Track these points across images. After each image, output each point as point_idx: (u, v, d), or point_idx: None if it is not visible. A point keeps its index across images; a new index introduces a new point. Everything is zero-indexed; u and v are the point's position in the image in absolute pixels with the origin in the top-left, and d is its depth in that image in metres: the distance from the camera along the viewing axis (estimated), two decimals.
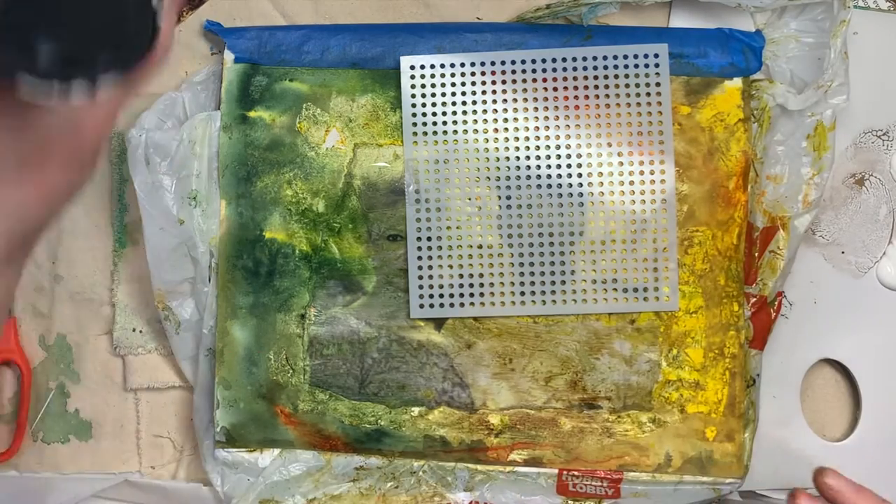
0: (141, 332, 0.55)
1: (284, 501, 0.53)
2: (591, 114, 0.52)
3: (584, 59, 0.52)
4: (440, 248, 0.52)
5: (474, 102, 0.52)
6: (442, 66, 0.52)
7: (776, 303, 0.53)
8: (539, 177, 0.52)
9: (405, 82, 0.53)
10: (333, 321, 0.53)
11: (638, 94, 0.52)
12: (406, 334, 0.53)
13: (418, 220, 0.52)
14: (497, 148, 0.52)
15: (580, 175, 0.52)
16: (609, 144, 0.52)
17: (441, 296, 0.52)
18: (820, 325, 0.54)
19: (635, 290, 0.52)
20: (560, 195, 0.52)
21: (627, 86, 0.52)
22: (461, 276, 0.52)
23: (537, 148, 0.52)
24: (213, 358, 0.53)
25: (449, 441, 0.53)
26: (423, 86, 0.53)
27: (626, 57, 0.52)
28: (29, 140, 0.31)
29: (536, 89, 0.52)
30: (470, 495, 0.53)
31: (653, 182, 0.52)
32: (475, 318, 0.53)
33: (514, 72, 0.52)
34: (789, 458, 0.54)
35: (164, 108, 0.53)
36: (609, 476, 0.52)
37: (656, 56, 0.52)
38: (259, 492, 0.53)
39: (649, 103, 0.52)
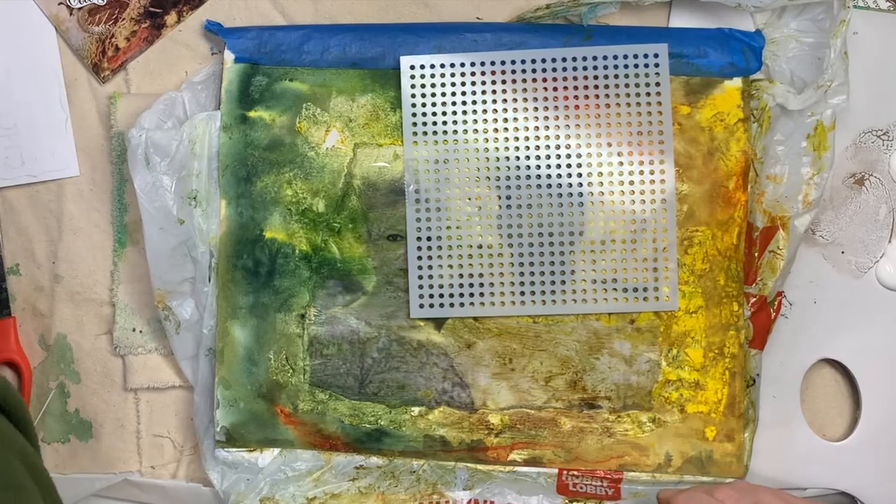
0: (141, 332, 0.55)
1: (284, 500, 0.53)
2: (591, 114, 0.52)
3: (584, 59, 0.52)
4: (440, 248, 0.52)
5: (474, 102, 0.52)
6: (442, 66, 0.52)
7: (776, 303, 0.53)
8: (539, 177, 0.52)
9: (405, 82, 0.53)
10: (333, 321, 0.53)
11: (638, 94, 0.52)
12: (406, 334, 0.53)
13: (418, 220, 0.52)
14: (497, 148, 0.52)
15: (580, 175, 0.52)
16: (609, 144, 0.52)
17: (441, 296, 0.52)
18: (820, 325, 0.54)
19: (635, 290, 0.52)
20: (560, 195, 0.52)
21: (627, 86, 0.52)
22: (461, 276, 0.52)
23: (537, 148, 0.52)
24: (213, 358, 0.53)
25: (449, 441, 0.53)
26: (423, 86, 0.53)
27: (626, 57, 0.52)
28: None
29: (536, 89, 0.52)
30: (469, 493, 0.53)
31: (653, 182, 0.52)
32: (475, 318, 0.53)
33: (514, 72, 0.52)
34: (789, 458, 0.54)
35: (164, 108, 0.53)
36: (609, 476, 0.52)
37: (656, 56, 0.52)
38: (259, 490, 0.53)
39: (649, 103, 0.52)
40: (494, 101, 0.52)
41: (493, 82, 0.52)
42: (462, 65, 0.52)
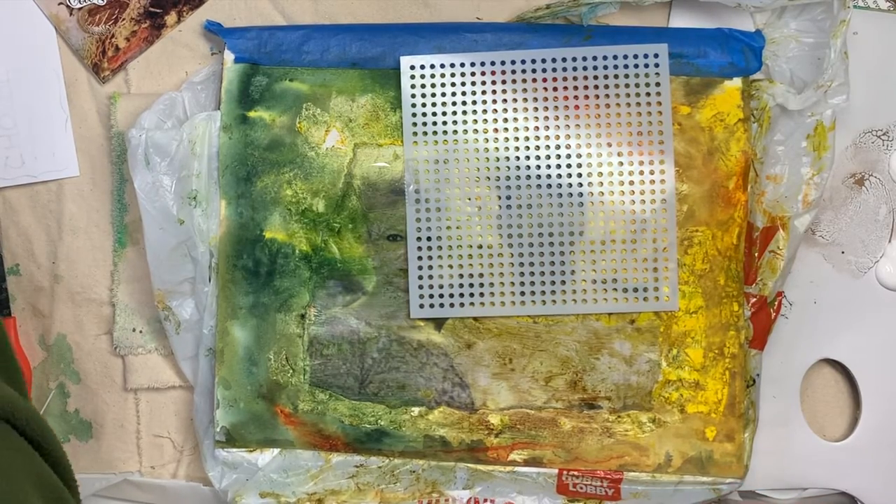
0: (141, 332, 0.55)
1: (284, 495, 0.53)
2: (591, 114, 0.52)
3: (584, 59, 0.52)
4: (440, 248, 0.52)
5: (474, 102, 0.52)
6: (442, 66, 0.52)
7: (776, 303, 0.53)
8: (539, 177, 0.52)
9: (405, 82, 0.53)
10: (333, 321, 0.53)
11: (638, 94, 0.52)
12: (406, 334, 0.53)
13: (418, 220, 0.52)
14: (497, 148, 0.52)
15: (580, 175, 0.52)
16: (609, 144, 0.52)
17: (441, 296, 0.52)
18: (820, 325, 0.54)
19: (635, 290, 0.52)
20: (560, 195, 0.52)
21: (627, 86, 0.52)
22: (461, 276, 0.52)
23: (537, 148, 0.52)
24: (213, 358, 0.53)
25: (449, 441, 0.53)
26: (423, 86, 0.53)
27: (625, 57, 0.52)
28: None
29: (536, 89, 0.52)
30: (469, 492, 0.53)
31: (653, 182, 0.52)
32: (475, 318, 0.53)
33: (514, 72, 0.52)
34: (789, 458, 0.54)
35: (164, 108, 0.53)
36: (609, 476, 0.52)
37: (656, 56, 0.52)
38: (259, 487, 0.53)
39: (649, 103, 0.52)
40: (494, 101, 0.52)
41: (493, 82, 0.52)
42: (462, 65, 0.52)
